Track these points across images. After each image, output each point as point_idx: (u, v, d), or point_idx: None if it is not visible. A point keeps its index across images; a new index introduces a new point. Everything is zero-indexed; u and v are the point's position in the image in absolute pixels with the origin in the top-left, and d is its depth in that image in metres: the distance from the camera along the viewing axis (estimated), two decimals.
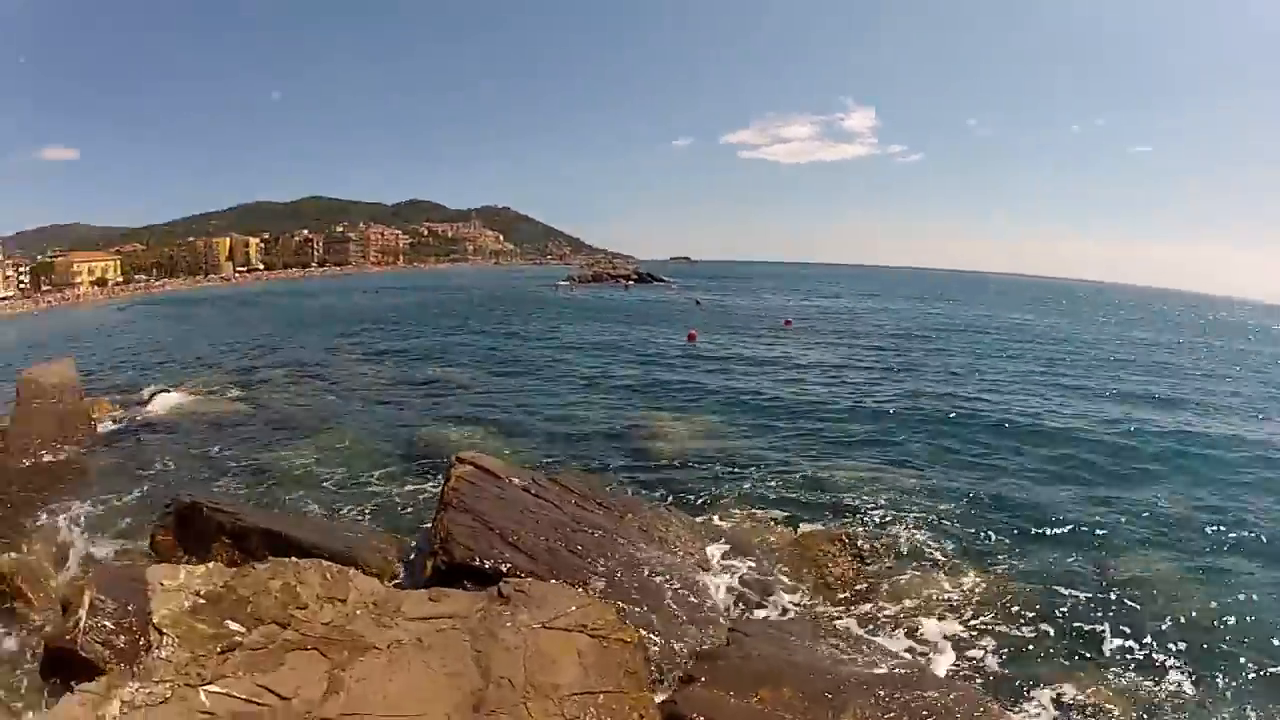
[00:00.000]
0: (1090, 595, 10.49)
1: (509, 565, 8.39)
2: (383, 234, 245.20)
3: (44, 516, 13.10)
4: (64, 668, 7.76)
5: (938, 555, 11.66)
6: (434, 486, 13.53)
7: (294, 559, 7.47)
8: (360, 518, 12.79)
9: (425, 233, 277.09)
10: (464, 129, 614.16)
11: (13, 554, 10.94)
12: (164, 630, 6.40)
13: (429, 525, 10.20)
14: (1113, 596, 10.48)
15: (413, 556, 10.15)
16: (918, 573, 10.98)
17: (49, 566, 11.11)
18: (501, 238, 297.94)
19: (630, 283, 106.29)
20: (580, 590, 7.93)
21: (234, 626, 6.48)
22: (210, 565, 7.60)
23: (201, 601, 6.86)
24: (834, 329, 50.32)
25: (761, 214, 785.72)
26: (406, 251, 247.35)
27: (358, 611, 6.82)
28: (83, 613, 7.97)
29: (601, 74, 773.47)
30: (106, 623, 7.96)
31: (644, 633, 7.59)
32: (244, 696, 5.52)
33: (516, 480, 10.78)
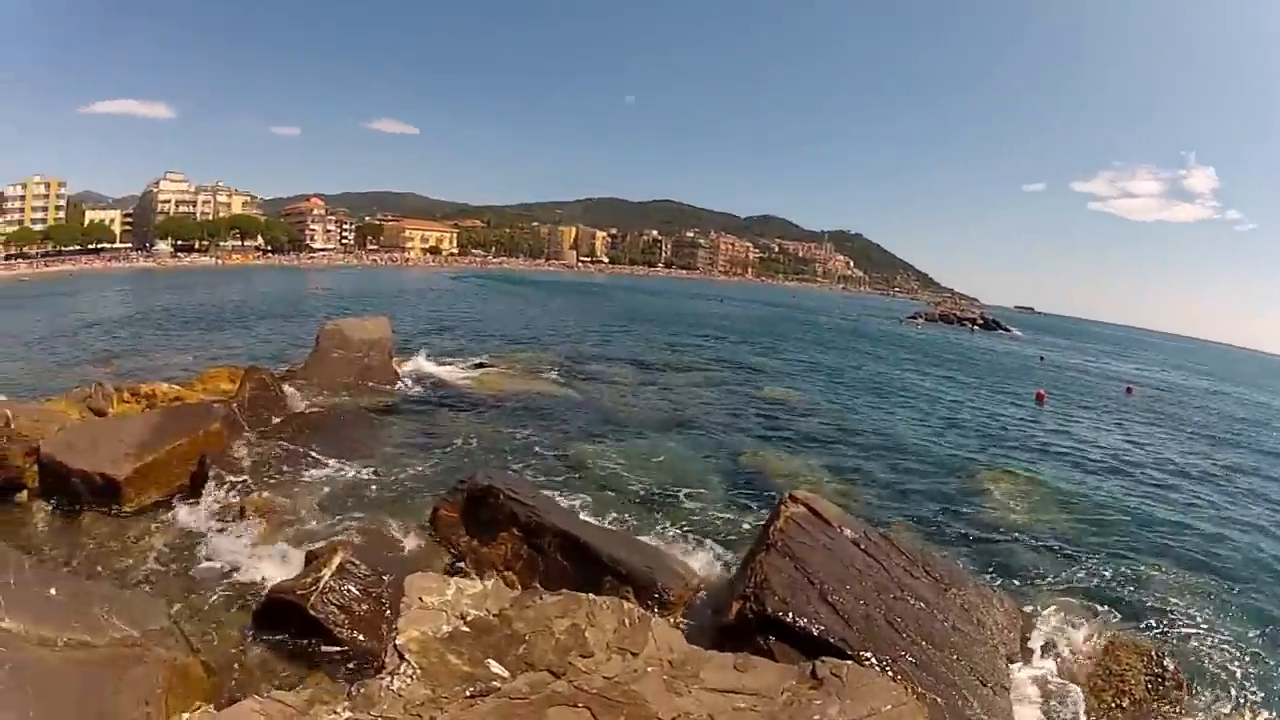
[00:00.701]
0: None
1: (821, 628, 7.58)
2: (733, 245, 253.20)
3: (321, 463, 13.14)
4: (281, 621, 7.86)
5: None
6: (753, 519, 12.73)
7: (591, 596, 6.62)
8: (665, 536, 11.88)
9: (776, 249, 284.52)
10: (822, 151, 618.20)
11: (268, 493, 11.15)
12: (406, 655, 5.38)
13: (742, 561, 9.64)
14: None
15: (718, 592, 9.51)
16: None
17: (306, 514, 11.09)
18: (851, 264, 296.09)
19: (976, 327, 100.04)
20: (899, 687, 6.72)
21: (495, 668, 5.51)
22: (489, 584, 6.72)
23: (464, 629, 5.88)
24: (1175, 411, 41.31)
25: (1106, 270, 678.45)
26: (755, 265, 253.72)
27: (649, 669, 5.93)
28: (327, 572, 8.03)
29: (960, 112, 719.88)
30: (352, 588, 8.02)
31: None
32: None
33: (848, 531, 9.69)
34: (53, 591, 6.77)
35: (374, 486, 12.75)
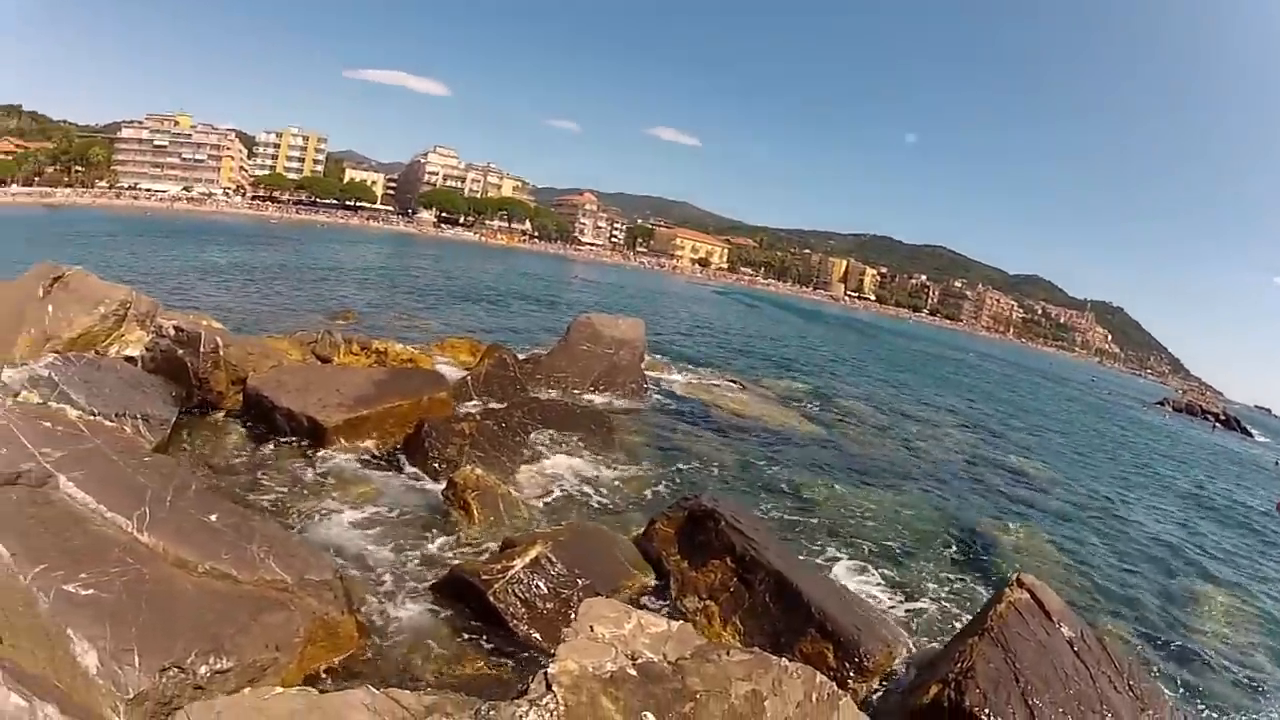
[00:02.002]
0: None
1: None
2: (998, 301, 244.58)
3: (545, 454, 12.69)
4: (458, 601, 7.54)
5: None
6: (972, 593, 11.68)
7: (783, 661, 5.82)
8: (879, 593, 11.01)
9: (1039, 311, 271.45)
10: (1099, 217, 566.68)
11: (479, 470, 10.52)
12: (554, 687, 4.63)
13: (951, 639, 8.73)
14: None
15: (917, 666, 8.46)
16: None
17: (517, 501, 10.57)
18: (1109, 338, 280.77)
19: (1217, 424, 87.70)
20: None
21: None
22: (674, 626, 5.87)
23: (631, 672, 5.07)
24: None
25: None
26: (1018, 325, 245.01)
27: None
28: (520, 562, 7.69)
29: (1227, 196, 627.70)
30: (542, 584, 7.62)
31: None
32: None
33: (1065, 629, 8.29)
34: (212, 518, 6.64)
35: (595, 487, 12.19)
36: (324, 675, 6.04)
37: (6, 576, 4.86)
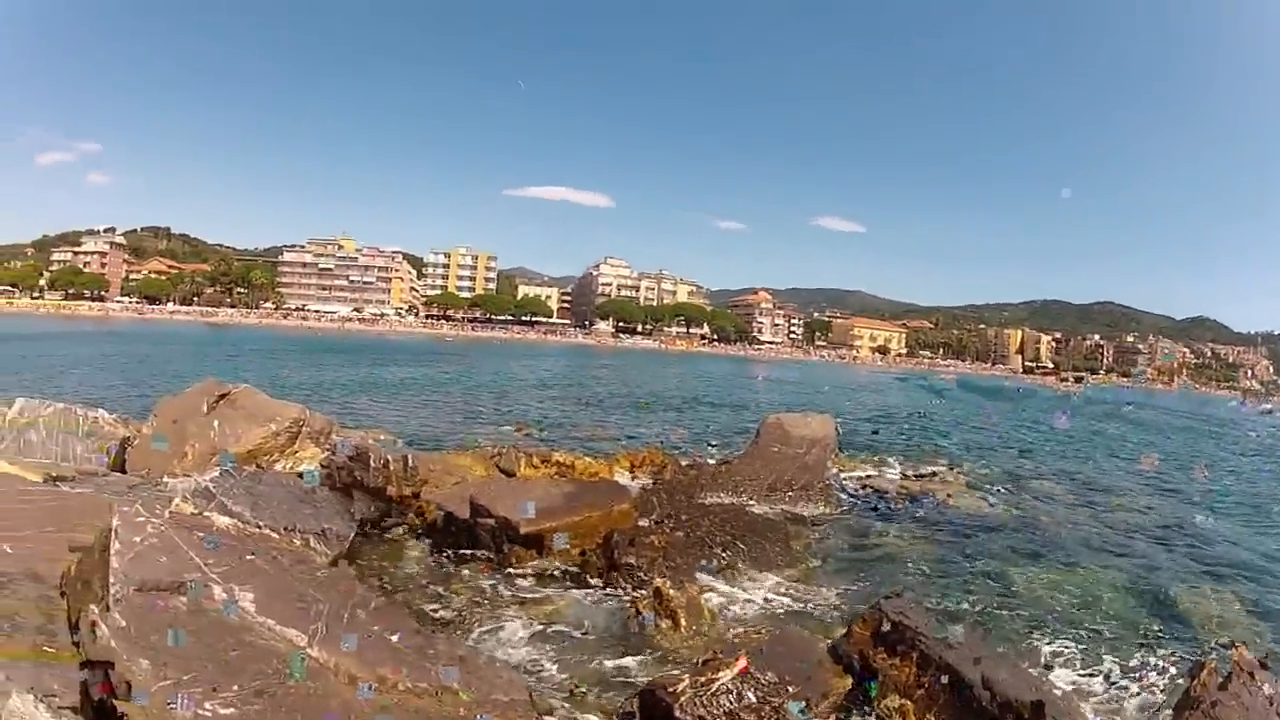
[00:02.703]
0: None
1: None
2: (1168, 350, 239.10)
3: (736, 563, 12.12)
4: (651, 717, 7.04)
5: None
6: (1168, 678, 10.26)
7: None
8: (1079, 678, 9.95)
9: (1209, 354, 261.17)
10: (1261, 246, 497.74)
11: (671, 586, 9.76)
12: None
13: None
14: None
15: None
16: None
17: (710, 615, 9.92)
18: (1270, 368, 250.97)
19: None
20: None
21: None
22: None
23: None
24: None
25: None
26: (1190, 369, 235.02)
27: None
28: (727, 674, 7.22)
29: None
30: (751, 695, 7.18)
31: None
32: None
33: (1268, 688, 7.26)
34: (394, 639, 6.30)
35: (787, 597, 11.67)
36: None
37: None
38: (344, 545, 9.31)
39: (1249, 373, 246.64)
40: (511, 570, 10.41)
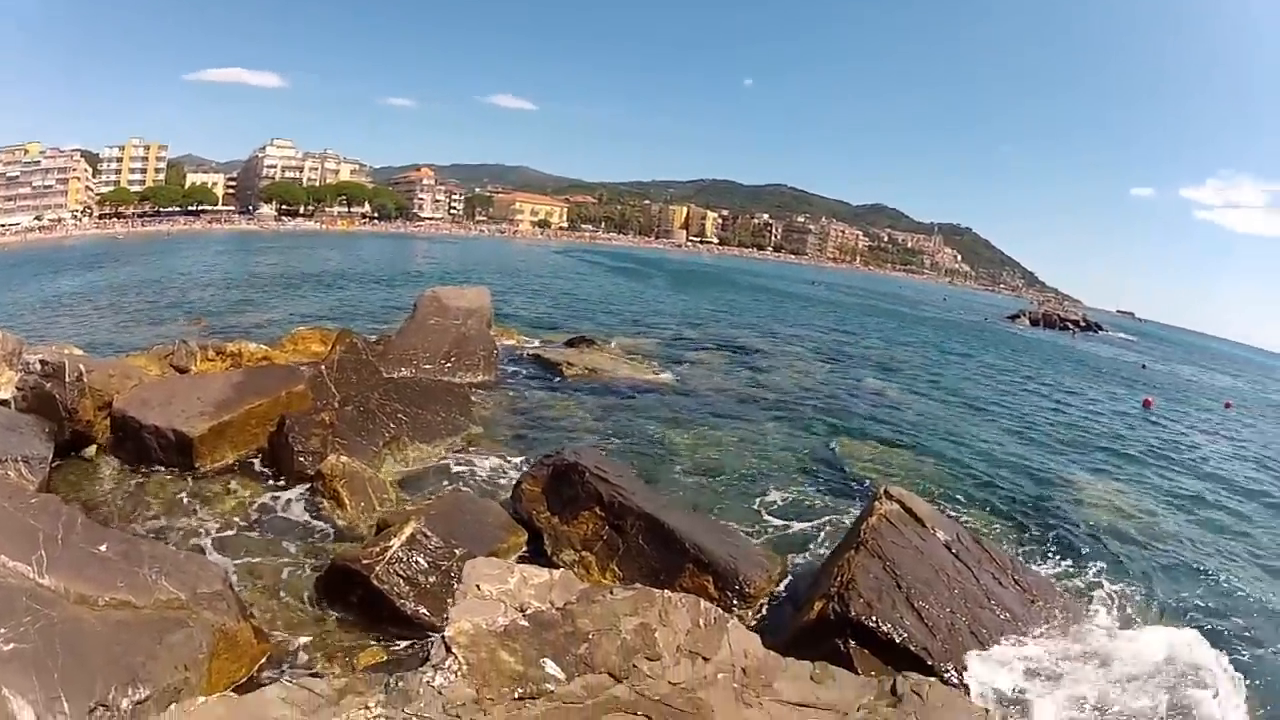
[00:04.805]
0: None
1: (904, 635, 7.16)
2: (843, 232, 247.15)
3: (407, 432, 12.78)
4: (346, 590, 7.68)
5: None
6: (836, 515, 12.28)
7: (666, 593, 6.09)
8: (752, 524, 11.60)
9: (885, 238, 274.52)
10: (937, 142, 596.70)
11: (345, 457, 10.70)
12: (454, 649, 4.83)
13: (828, 557, 9.22)
14: None
15: (800, 587, 9.04)
16: None
17: (385, 483, 10.79)
18: (959, 257, 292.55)
19: (1077, 330, 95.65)
20: (980, 709, 6.25)
21: (551, 669, 4.99)
22: (556, 575, 6.05)
23: (523, 623, 5.28)
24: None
25: (1206, 280, 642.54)
26: (864, 253, 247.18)
27: (720, 675, 5.48)
28: (396, 541, 7.77)
29: (1074, 111, 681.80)
30: (421, 559, 7.76)
31: None
32: None
33: (941, 534, 9.02)
34: (102, 548, 6.59)
35: (459, 459, 12.57)
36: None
37: None
38: (46, 469, 9.27)
39: (929, 260, 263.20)
40: (194, 472, 10.69)
